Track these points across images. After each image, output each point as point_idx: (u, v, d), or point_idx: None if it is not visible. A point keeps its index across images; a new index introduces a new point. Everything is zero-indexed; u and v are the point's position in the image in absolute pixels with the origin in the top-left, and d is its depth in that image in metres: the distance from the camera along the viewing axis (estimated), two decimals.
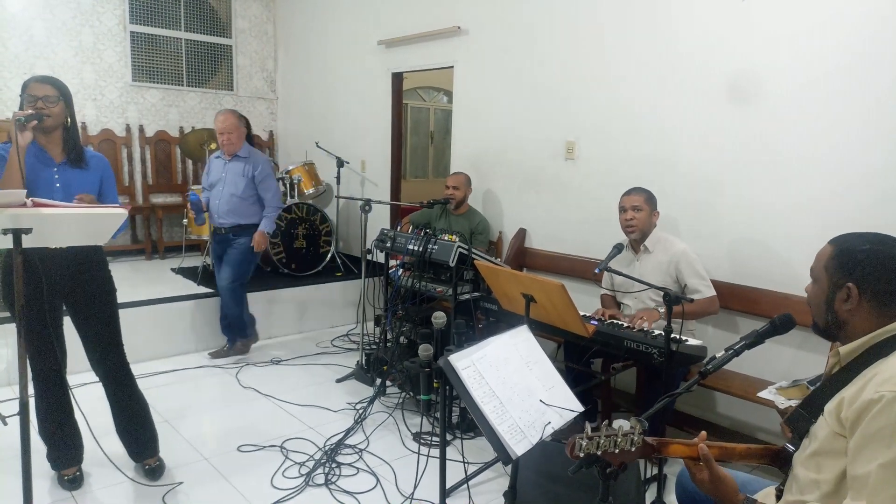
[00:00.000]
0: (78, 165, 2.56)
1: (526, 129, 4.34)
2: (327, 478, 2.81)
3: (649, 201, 3.14)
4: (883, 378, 1.30)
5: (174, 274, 5.25)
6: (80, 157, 2.56)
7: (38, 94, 2.41)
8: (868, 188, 2.81)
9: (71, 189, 2.50)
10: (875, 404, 1.28)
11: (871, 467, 1.27)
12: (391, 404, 3.58)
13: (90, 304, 2.61)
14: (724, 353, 1.60)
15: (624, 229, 3.18)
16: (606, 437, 1.32)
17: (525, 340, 2.00)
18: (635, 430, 1.35)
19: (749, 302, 3.21)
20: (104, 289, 2.67)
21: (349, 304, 5.20)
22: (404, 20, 5.24)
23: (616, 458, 1.34)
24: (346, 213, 6.13)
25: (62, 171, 2.52)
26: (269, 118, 7.11)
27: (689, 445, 1.46)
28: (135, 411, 2.77)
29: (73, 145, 2.56)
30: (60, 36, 5.68)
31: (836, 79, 2.88)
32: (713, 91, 3.32)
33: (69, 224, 2.02)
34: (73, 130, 2.56)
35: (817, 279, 1.48)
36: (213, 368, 4.17)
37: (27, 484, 1.95)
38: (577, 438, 1.31)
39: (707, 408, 3.47)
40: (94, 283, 2.63)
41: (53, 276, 2.49)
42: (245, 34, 6.83)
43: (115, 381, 2.71)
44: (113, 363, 2.69)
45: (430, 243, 3.48)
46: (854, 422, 1.32)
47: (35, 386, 2.57)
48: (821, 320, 1.48)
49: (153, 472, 2.78)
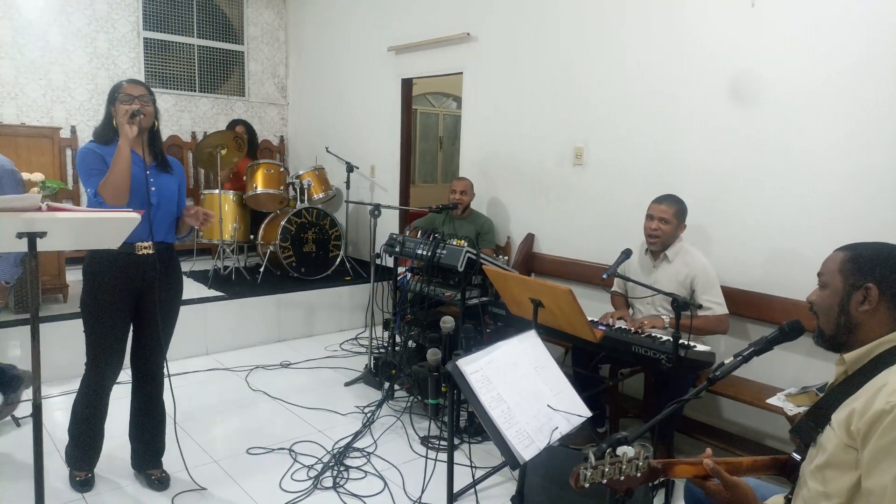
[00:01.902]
0: (165, 170, 2.60)
1: (534, 135, 4.35)
2: (335, 481, 2.83)
3: (678, 215, 3.08)
4: (893, 388, 1.29)
5: (186, 277, 5.28)
6: (165, 160, 2.62)
7: (134, 93, 2.44)
8: (881, 192, 2.80)
9: (162, 192, 2.55)
10: (886, 415, 1.26)
11: (887, 480, 1.25)
12: (399, 408, 3.59)
13: (161, 303, 2.60)
14: (732, 360, 1.60)
15: (646, 236, 3.14)
16: (611, 465, 1.30)
17: (533, 345, 2.01)
18: (640, 456, 1.33)
19: (759, 308, 3.19)
20: (177, 289, 2.73)
21: (358, 308, 5.22)
22: (414, 27, 5.27)
23: (622, 486, 1.32)
24: (356, 218, 6.16)
25: (154, 173, 2.55)
26: (280, 123, 7.16)
27: (694, 464, 1.45)
28: (155, 418, 2.77)
29: (159, 149, 2.61)
30: (76, 42, 5.76)
31: (845, 79, 2.87)
32: (721, 94, 3.32)
33: (83, 228, 2.04)
34: (157, 134, 2.60)
35: (828, 284, 1.46)
36: (224, 371, 4.20)
37: (39, 486, 1.97)
38: (580, 468, 1.28)
39: (715, 414, 3.46)
40: (171, 282, 2.67)
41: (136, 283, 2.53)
42: (257, 41, 6.89)
43: (150, 382, 2.72)
44: (156, 364, 2.71)
45: (438, 248, 3.50)
46: (866, 434, 1.30)
47: (86, 391, 2.58)
48: (830, 326, 1.46)
49: (160, 483, 2.74)
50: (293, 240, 5.19)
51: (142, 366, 2.70)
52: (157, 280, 2.55)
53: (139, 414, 2.76)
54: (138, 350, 2.68)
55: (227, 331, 4.60)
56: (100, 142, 2.50)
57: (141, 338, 2.66)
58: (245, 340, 4.70)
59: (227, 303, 4.63)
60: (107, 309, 2.51)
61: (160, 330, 2.61)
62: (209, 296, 4.64)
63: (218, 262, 5.30)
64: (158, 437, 2.79)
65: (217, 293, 4.71)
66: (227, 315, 4.61)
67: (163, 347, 2.69)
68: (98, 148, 2.47)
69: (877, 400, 1.30)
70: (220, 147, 5.09)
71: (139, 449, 2.78)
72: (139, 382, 2.73)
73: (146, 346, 2.66)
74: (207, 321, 4.52)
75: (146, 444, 2.77)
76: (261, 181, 5.28)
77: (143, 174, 2.46)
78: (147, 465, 2.79)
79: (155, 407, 2.77)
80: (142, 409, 2.75)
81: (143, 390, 2.74)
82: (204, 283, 4.95)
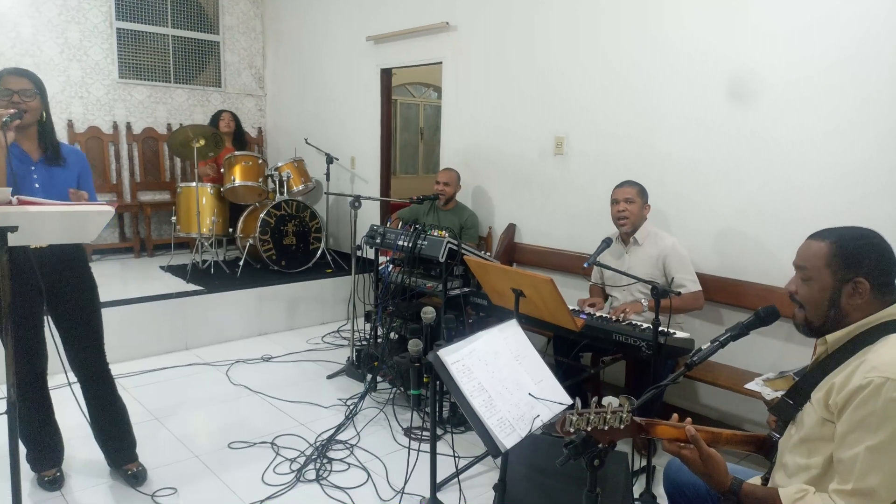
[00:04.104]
0: (56, 163, 2.44)
1: (515, 125, 4.35)
2: (318, 473, 2.82)
3: (641, 194, 3.17)
4: (871, 365, 1.33)
5: (163, 272, 5.23)
6: (57, 153, 2.45)
7: (14, 87, 2.27)
8: (858, 184, 2.84)
9: (51, 188, 2.40)
10: (863, 390, 1.30)
11: (859, 450, 1.29)
12: (382, 400, 3.59)
13: (72, 303, 2.53)
14: (709, 345, 1.62)
15: (615, 221, 3.20)
16: (596, 414, 1.34)
17: (514, 335, 2.01)
18: (624, 406, 1.36)
19: (734, 294, 3.24)
20: (86, 287, 2.59)
21: (339, 301, 5.20)
22: (393, 16, 5.23)
23: (605, 437, 1.36)
24: (336, 210, 6.12)
25: (40, 169, 2.41)
26: (257, 115, 7.08)
27: (676, 427, 1.48)
28: (114, 415, 2.70)
29: (50, 141, 2.44)
30: (47, 33, 5.63)
31: (829, 75, 2.89)
32: (702, 86, 3.34)
33: (55, 222, 2.00)
34: (48, 126, 2.43)
35: (814, 278, 1.46)
36: (204, 366, 4.16)
37: (16, 484, 1.94)
38: (567, 415, 1.34)
39: (694, 399, 3.51)
40: (75, 281, 2.55)
41: (35, 275, 2.40)
42: (233, 31, 6.79)
43: (95, 383, 2.64)
44: (93, 364, 2.62)
45: (419, 239, 3.49)
46: (842, 407, 1.34)
47: (16, 387, 2.52)
48: (818, 318, 1.47)
49: (136, 478, 2.70)
50: (273, 232, 5.14)
51: (79, 370, 2.61)
52: (58, 274, 2.47)
53: (97, 415, 2.68)
54: (68, 354, 2.57)
55: (207, 325, 4.55)
56: None
57: (64, 341, 2.56)
58: (225, 335, 4.66)
59: (206, 297, 4.58)
60: (15, 301, 2.33)
61: (81, 330, 2.54)
62: (188, 290, 4.59)
63: (196, 255, 5.24)
64: (124, 433, 2.74)
65: (196, 287, 4.65)
66: (207, 309, 4.56)
67: (96, 345, 2.61)
68: None
69: (855, 376, 1.34)
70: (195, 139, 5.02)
71: (108, 448, 2.73)
72: (85, 384, 2.64)
73: (73, 348, 2.57)
74: (186, 316, 4.47)
75: (113, 442, 2.72)
76: (239, 173, 5.22)
77: (27, 172, 2.35)
78: (119, 462, 2.73)
79: (110, 406, 2.69)
80: (98, 409, 2.67)
81: (91, 391, 2.65)
82: (182, 278, 4.89)
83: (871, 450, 1.28)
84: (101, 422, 2.69)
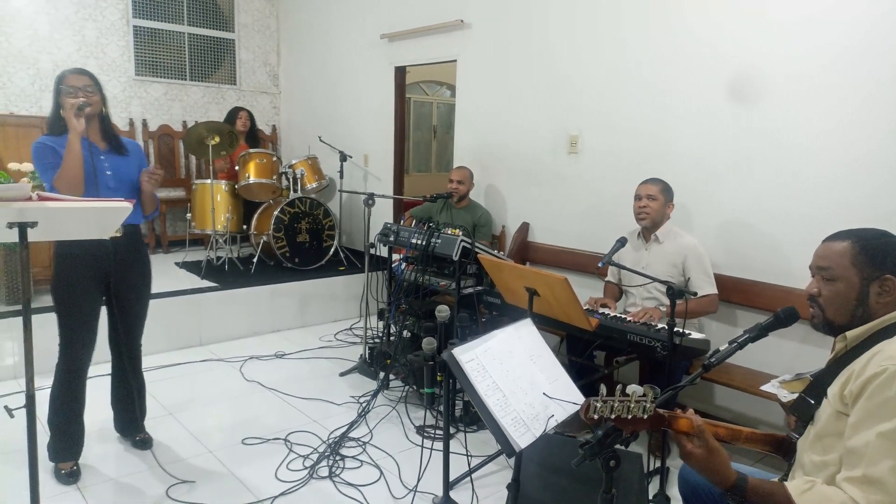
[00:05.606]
0: (120, 153, 2.67)
1: (529, 123, 4.33)
2: (331, 470, 2.83)
3: (665, 192, 3.16)
4: (887, 354, 1.33)
5: (178, 268, 5.27)
6: (120, 144, 2.69)
7: (77, 84, 2.50)
8: (869, 180, 2.81)
9: (120, 174, 2.62)
10: (877, 377, 1.30)
11: (870, 436, 1.27)
12: (394, 398, 3.59)
13: (133, 290, 2.75)
14: (727, 346, 1.60)
15: (636, 216, 3.20)
16: (620, 402, 1.32)
17: (529, 334, 2.01)
18: (647, 396, 1.34)
19: (750, 295, 3.21)
20: (146, 274, 2.82)
21: (352, 298, 5.21)
22: (407, 14, 5.23)
23: (627, 426, 1.33)
24: (349, 208, 6.13)
25: (109, 158, 2.62)
26: (272, 112, 7.11)
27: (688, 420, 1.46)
28: (135, 386, 2.88)
29: (113, 133, 2.68)
30: (64, 30, 5.69)
31: (835, 71, 2.87)
32: (715, 82, 3.31)
33: (74, 218, 2.02)
34: (108, 120, 2.68)
35: (839, 277, 1.45)
36: (218, 362, 4.18)
37: (34, 477, 1.96)
38: (591, 401, 1.33)
39: (709, 401, 3.48)
40: (140, 268, 2.78)
41: (107, 262, 2.60)
42: (248, 28, 6.83)
43: (126, 357, 2.81)
44: (132, 344, 2.83)
45: (433, 237, 3.48)
46: (857, 396, 1.33)
47: (62, 375, 2.64)
48: (843, 317, 1.46)
49: (144, 443, 2.92)
50: (286, 230, 5.16)
51: (116, 346, 2.79)
52: (126, 262, 2.66)
53: (119, 384, 2.88)
54: (114, 332, 2.77)
55: (221, 321, 4.58)
56: (53, 134, 2.55)
57: (119, 319, 2.72)
58: (239, 331, 4.68)
59: (220, 293, 4.61)
60: (77, 291, 2.58)
61: (132, 317, 2.75)
62: (202, 286, 4.62)
63: (211, 252, 5.28)
64: (139, 403, 2.93)
65: (210, 284, 4.68)
66: (221, 306, 4.58)
67: (140, 328, 2.84)
68: (51, 140, 2.51)
69: (870, 365, 1.34)
70: (210, 136, 5.05)
71: (122, 415, 2.95)
72: (115, 359, 2.84)
73: (123, 327, 2.73)
74: (201, 312, 4.50)
75: (129, 410, 2.90)
76: (253, 171, 5.24)
77: (98, 161, 2.55)
78: (128, 431, 2.97)
79: (134, 377, 2.87)
80: (121, 379, 2.87)
81: (120, 365, 2.84)
82: (197, 274, 4.92)
83: (883, 436, 1.26)
84: (122, 391, 2.89)
